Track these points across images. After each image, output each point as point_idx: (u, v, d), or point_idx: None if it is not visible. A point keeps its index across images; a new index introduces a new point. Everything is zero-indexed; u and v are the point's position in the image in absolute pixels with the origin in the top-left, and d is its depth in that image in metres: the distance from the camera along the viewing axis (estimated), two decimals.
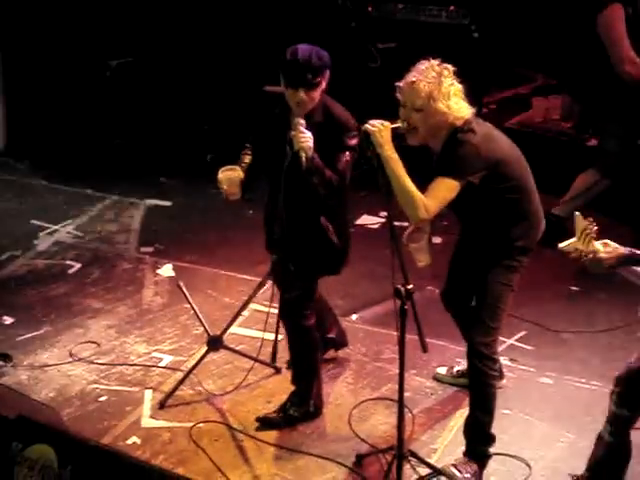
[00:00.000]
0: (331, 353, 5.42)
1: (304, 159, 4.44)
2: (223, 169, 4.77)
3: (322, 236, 4.73)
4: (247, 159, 4.88)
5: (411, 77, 4.31)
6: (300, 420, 4.96)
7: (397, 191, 4.23)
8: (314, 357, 4.97)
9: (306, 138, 4.45)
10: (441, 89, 4.25)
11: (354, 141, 4.56)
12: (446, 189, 4.24)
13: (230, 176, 4.74)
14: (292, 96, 4.52)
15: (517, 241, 4.48)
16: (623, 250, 3.87)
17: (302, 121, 4.49)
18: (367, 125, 4.25)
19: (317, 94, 4.53)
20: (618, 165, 6.45)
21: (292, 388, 5.02)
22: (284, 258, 4.83)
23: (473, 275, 4.61)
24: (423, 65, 4.34)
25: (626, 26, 6.05)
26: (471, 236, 4.63)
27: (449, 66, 4.34)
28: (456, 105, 4.28)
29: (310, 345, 4.93)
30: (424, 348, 4.10)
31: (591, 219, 3.80)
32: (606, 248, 3.84)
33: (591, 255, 3.82)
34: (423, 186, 4.27)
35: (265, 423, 4.95)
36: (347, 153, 4.56)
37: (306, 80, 4.46)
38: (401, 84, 4.35)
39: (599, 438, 4.29)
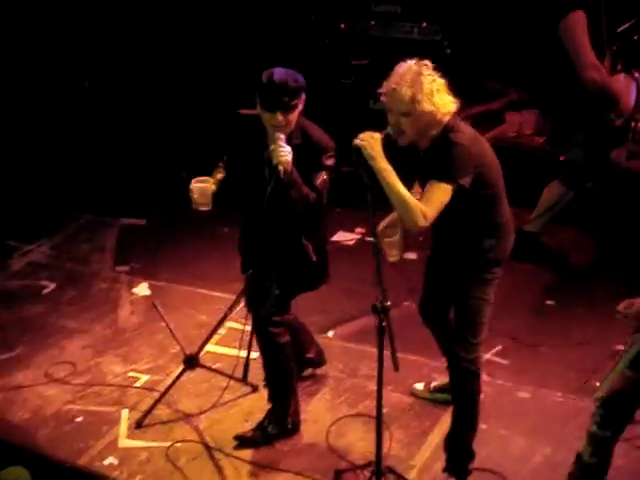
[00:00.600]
0: (309, 371, 5.42)
1: (282, 172, 4.47)
2: (196, 179, 4.80)
3: (302, 255, 4.76)
4: (219, 175, 4.90)
5: (392, 83, 4.27)
6: (278, 437, 4.96)
7: (394, 201, 4.19)
8: (289, 374, 4.97)
9: (285, 152, 4.48)
10: (423, 89, 4.21)
11: (331, 161, 4.62)
12: (441, 193, 4.19)
13: (202, 187, 4.78)
14: (269, 119, 4.54)
15: (489, 252, 4.46)
16: None
17: (282, 136, 4.52)
18: (357, 140, 4.22)
19: (294, 116, 4.56)
20: (582, 176, 6.46)
21: (269, 406, 5.01)
22: (261, 276, 4.83)
23: (448, 288, 4.61)
24: (401, 68, 4.30)
25: (589, 33, 6.06)
26: (444, 248, 4.60)
27: (427, 62, 4.31)
28: (441, 101, 4.24)
29: (285, 362, 4.92)
30: (396, 367, 4.07)
31: None
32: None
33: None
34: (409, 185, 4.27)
35: (243, 441, 4.94)
36: (324, 172, 4.60)
37: (283, 103, 4.49)
38: (384, 90, 4.33)
39: (578, 458, 4.29)
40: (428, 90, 4.23)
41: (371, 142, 4.20)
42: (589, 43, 6.03)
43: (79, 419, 5.17)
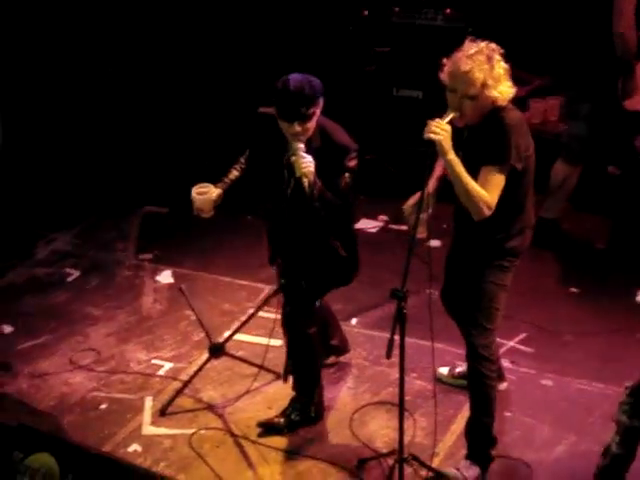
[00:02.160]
0: (332, 359, 5.42)
1: (307, 185, 4.43)
2: (196, 188, 4.80)
3: (331, 253, 4.75)
4: (233, 175, 4.89)
5: (464, 65, 4.18)
6: (301, 425, 4.96)
7: (462, 192, 4.16)
8: (315, 364, 4.97)
9: (307, 163, 4.43)
10: (493, 75, 4.17)
11: (353, 162, 4.56)
12: (498, 177, 4.17)
13: (203, 198, 4.78)
14: (287, 128, 4.50)
15: (511, 240, 4.44)
16: None
17: (301, 146, 4.46)
18: (430, 134, 4.09)
19: (312, 124, 4.50)
20: (585, 150, 6.41)
21: (293, 394, 5.02)
22: (290, 270, 4.84)
23: (466, 275, 4.60)
24: (472, 49, 4.23)
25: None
26: (466, 235, 4.57)
27: (496, 47, 4.27)
28: (506, 89, 4.22)
29: (312, 353, 4.92)
30: (388, 354, 4.02)
31: None
32: None
33: None
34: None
35: (266, 428, 4.95)
36: (347, 175, 4.55)
37: (300, 113, 4.43)
38: (450, 68, 4.25)
39: (606, 449, 4.26)
40: (497, 76, 4.20)
41: (445, 135, 4.10)
42: (634, 8, 6.04)
43: (103, 406, 5.19)
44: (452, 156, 4.13)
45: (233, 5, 8.47)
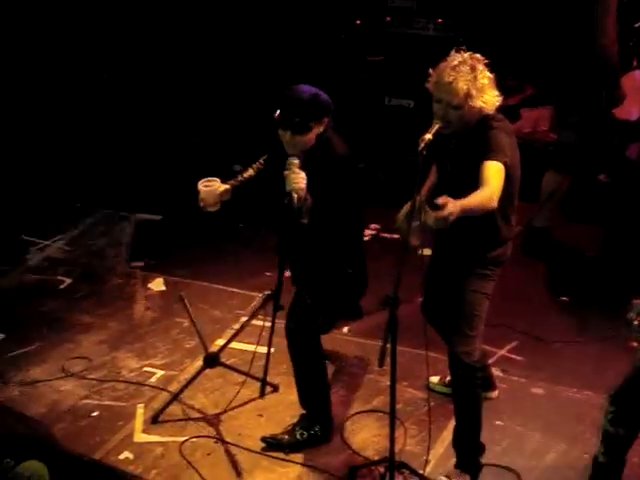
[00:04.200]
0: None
1: (295, 200, 4.41)
2: (202, 181, 4.80)
3: (335, 270, 4.71)
4: (247, 173, 4.85)
5: (446, 75, 4.24)
6: (307, 445, 4.87)
7: (476, 212, 4.16)
8: (319, 378, 4.89)
9: (299, 179, 4.41)
10: (476, 85, 4.22)
11: (351, 177, 4.55)
12: (497, 170, 4.20)
13: (209, 190, 4.78)
14: (281, 135, 4.51)
15: (495, 250, 4.48)
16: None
17: (296, 161, 4.45)
18: (447, 220, 3.97)
19: (307, 138, 4.49)
20: (576, 159, 6.43)
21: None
22: (296, 284, 4.84)
23: (449, 284, 4.62)
24: (456, 60, 4.28)
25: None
26: (448, 245, 4.59)
27: (480, 57, 4.32)
28: (490, 98, 4.27)
29: (315, 367, 4.85)
30: (380, 362, 4.03)
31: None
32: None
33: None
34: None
35: (269, 444, 4.87)
36: (344, 189, 4.53)
37: (292, 122, 4.43)
38: (434, 79, 4.31)
39: (594, 459, 4.28)
40: (481, 86, 4.25)
41: (456, 211, 4.00)
42: (615, 17, 6.08)
43: (95, 414, 5.19)
44: (465, 208, 4.02)
45: (228, 12, 8.49)
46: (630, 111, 6.93)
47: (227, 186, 4.81)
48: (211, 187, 4.79)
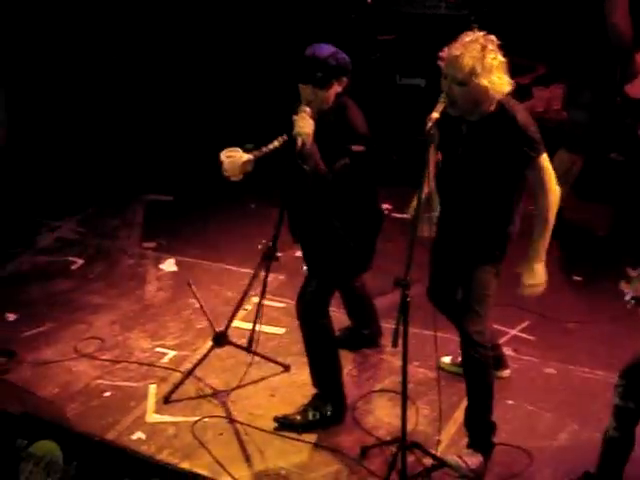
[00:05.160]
0: None
1: (299, 144, 4.43)
2: (225, 151, 4.76)
3: (333, 238, 4.70)
4: (273, 145, 4.71)
5: (455, 50, 4.23)
6: (318, 425, 4.88)
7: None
8: (330, 357, 4.89)
9: (306, 124, 4.44)
10: (484, 64, 4.19)
11: (359, 148, 4.53)
12: (547, 163, 4.41)
13: (232, 160, 4.73)
14: (301, 91, 4.53)
15: (506, 229, 4.51)
16: None
17: (308, 109, 4.48)
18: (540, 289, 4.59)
19: (327, 95, 4.51)
20: (587, 138, 6.40)
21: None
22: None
23: (457, 270, 4.61)
24: (468, 37, 4.26)
25: None
26: (458, 230, 4.59)
27: (494, 38, 4.29)
28: (498, 79, 4.24)
29: (325, 346, 4.86)
30: (394, 342, 4.06)
31: None
32: None
33: None
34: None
35: (282, 424, 4.88)
36: (347, 158, 4.51)
37: (314, 77, 4.45)
38: (444, 55, 4.30)
39: (605, 434, 4.27)
40: (488, 65, 4.21)
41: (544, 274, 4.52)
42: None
43: (107, 394, 5.21)
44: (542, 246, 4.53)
45: None
46: None
47: (250, 156, 4.75)
48: (233, 157, 4.74)
